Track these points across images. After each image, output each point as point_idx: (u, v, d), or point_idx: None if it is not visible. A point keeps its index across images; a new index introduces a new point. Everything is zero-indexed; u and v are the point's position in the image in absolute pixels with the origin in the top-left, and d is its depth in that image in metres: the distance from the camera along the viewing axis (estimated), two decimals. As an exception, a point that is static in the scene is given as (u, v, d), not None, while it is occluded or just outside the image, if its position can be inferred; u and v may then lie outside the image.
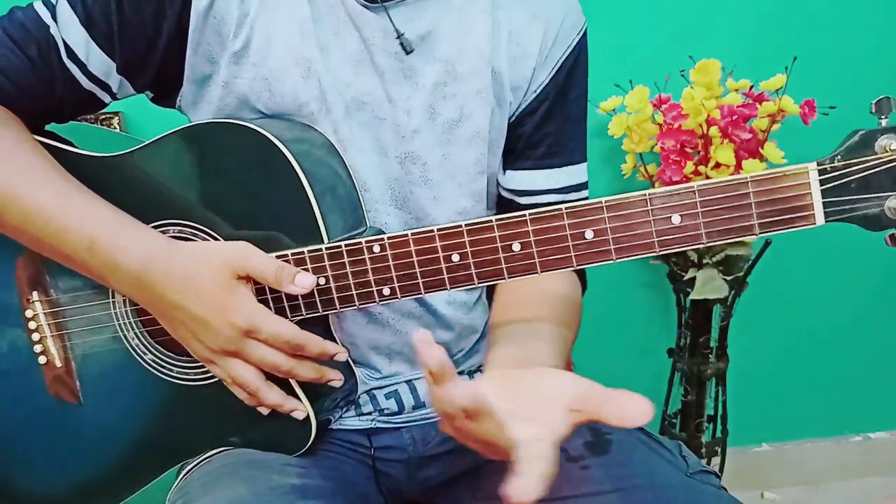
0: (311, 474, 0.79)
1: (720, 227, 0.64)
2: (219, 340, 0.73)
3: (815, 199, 0.62)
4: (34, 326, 0.84)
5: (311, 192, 0.74)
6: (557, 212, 0.66)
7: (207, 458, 0.83)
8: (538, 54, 0.86)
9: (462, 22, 0.84)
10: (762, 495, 1.80)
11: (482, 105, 0.85)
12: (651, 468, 0.78)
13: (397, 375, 0.90)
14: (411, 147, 0.84)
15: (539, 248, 0.67)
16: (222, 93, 0.81)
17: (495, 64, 0.85)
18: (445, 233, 0.69)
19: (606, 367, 1.50)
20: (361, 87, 0.82)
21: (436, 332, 0.89)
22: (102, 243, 0.74)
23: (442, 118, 0.84)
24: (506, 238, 0.68)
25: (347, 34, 0.81)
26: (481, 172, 0.88)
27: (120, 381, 0.83)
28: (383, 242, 0.70)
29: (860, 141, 0.62)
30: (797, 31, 1.55)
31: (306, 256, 0.72)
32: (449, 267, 0.70)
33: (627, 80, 1.40)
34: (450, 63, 0.84)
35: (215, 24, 0.79)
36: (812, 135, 1.44)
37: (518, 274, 0.69)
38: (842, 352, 1.76)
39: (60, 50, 0.79)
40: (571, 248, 0.67)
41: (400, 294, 0.72)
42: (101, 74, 0.81)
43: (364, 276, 0.72)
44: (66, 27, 0.78)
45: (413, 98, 0.84)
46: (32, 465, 0.86)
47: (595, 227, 0.66)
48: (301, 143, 0.78)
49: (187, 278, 0.72)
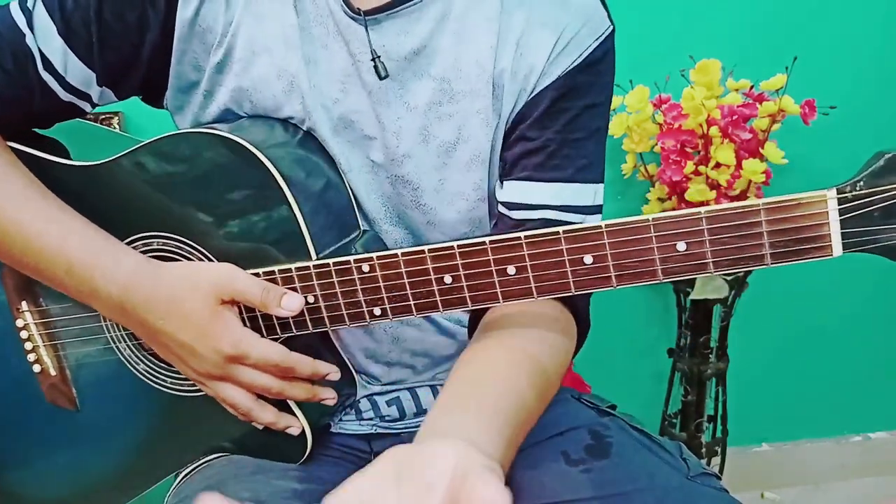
0: (311, 479, 0.78)
1: (729, 255, 0.60)
2: (205, 366, 0.71)
3: (832, 229, 0.57)
4: (26, 336, 0.83)
5: (296, 206, 0.70)
6: (555, 235, 0.62)
7: (208, 461, 0.82)
8: (544, 65, 0.77)
9: (462, 32, 0.76)
10: (762, 495, 1.79)
11: (482, 125, 0.77)
12: (651, 471, 0.78)
13: (399, 382, 0.89)
14: (402, 171, 0.79)
15: (535, 273, 0.64)
16: (204, 101, 0.78)
17: (497, 78, 0.77)
18: (437, 254, 0.65)
19: (606, 367, 1.51)
20: (349, 104, 0.77)
21: (434, 337, 0.87)
22: (81, 267, 0.71)
23: (437, 141, 0.78)
24: (500, 262, 0.64)
25: (336, 47, 0.76)
26: (482, 199, 0.81)
27: (115, 389, 0.82)
28: (373, 262, 0.67)
29: (886, 165, 0.56)
30: (797, 31, 1.54)
31: (294, 275, 0.70)
32: (441, 289, 0.66)
33: (627, 80, 1.40)
34: (446, 81, 0.76)
35: (201, 32, 0.76)
36: (812, 135, 1.45)
37: (514, 298, 0.65)
38: (842, 352, 1.76)
39: (37, 61, 0.74)
40: (570, 273, 0.63)
41: (391, 315, 0.69)
42: (81, 85, 0.77)
43: (354, 297, 0.69)
44: (43, 37, 0.74)
45: (403, 119, 0.77)
46: (32, 471, 0.86)
47: (595, 253, 0.62)
48: (286, 148, 0.75)
49: (171, 303, 0.70)
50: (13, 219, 0.72)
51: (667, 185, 1.40)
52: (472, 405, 0.62)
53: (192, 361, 0.71)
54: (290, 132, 0.77)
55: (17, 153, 0.78)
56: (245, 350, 0.70)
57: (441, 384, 0.90)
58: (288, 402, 0.76)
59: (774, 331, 1.73)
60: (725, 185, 1.36)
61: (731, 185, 1.36)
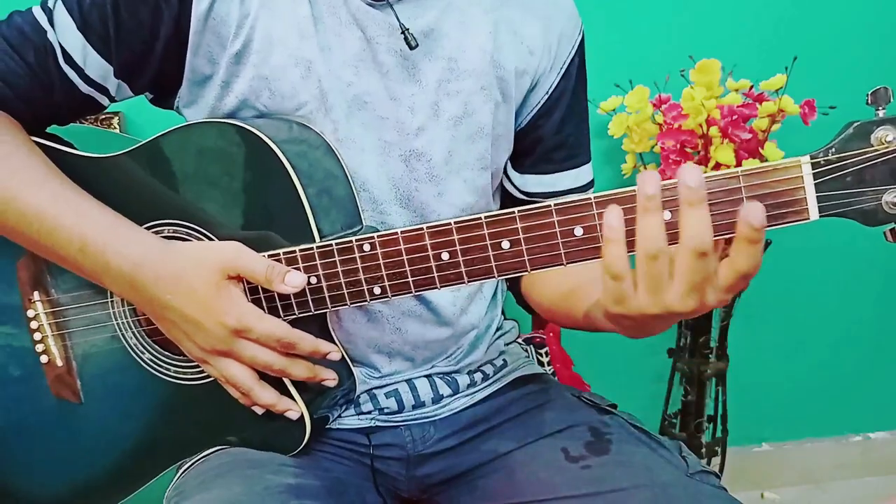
0: (306, 474, 0.79)
1: (712, 222, 0.61)
2: (210, 340, 0.73)
3: (808, 192, 0.60)
4: (35, 326, 0.84)
5: (303, 193, 0.74)
6: (546, 208, 0.65)
7: (204, 456, 0.83)
8: (542, 52, 0.88)
9: (464, 20, 0.85)
10: (762, 495, 1.80)
11: (485, 101, 0.86)
12: (651, 468, 0.78)
13: (397, 374, 0.90)
14: (416, 144, 0.85)
15: (528, 246, 0.66)
16: (221, 92, 0.81)
17: (500, 59, 0.86)
18: (435, 230, 0.68)
19: (607, 367, 1.51)
20: (363, 86, 0.82)
21: (435, 329, 0.89)
22: (94, 244, 0.74)
23: (446, 115, 0.85)
24: (495, 235, 0.67)
25: (349, 34, 0.81)
26: (484, 168, 0.88)
27: (120, 380, 0.83)
28: (373, 241, 0.70)
29: (855, 133, 0.60)
30: (797, 31, 1.55)
31: (297, 255, 0.72)
32: (439, 265, 0.69)
33: (627, 80, 1.40)
34: (453, 60, 0.84)
35: (215, 25, 0.79)
36: (812, 135, 1.45)
37: (507, 272, 0.68)
38: (842, 352, 1.76)
39: (58, 55, 0.79)
40: (561, 245, 0.65)
41: (391, 293, 0.71)
42: (99, 78, 0.81)
43: (355, 276, 0.71)
44: (63, 32, 0.78)
45: (417, 95, 0.84)
46: (35, 463, 0.87)
47: (584, 224, 0.64)
48: (296, 143, 0.78)
49: (178, 279, 0.72)
50: (32, 202, 0.75)
51: (667, 185, 1.40)
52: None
53: (197, 337, 0.73)
54: (297, 130, 0.81)
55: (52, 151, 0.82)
56: (249, 324, 0.71)
57: (438, 374, 0.91)
58: (289, 390, 0.77)
59: (774, 331, 1.73)
60: (725, 185, 1.36)
61: (731, 185, 1.36)
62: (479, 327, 0.94)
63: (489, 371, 0.95)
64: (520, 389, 0.94)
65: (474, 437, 0.90)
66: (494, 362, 0.96)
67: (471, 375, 0.93)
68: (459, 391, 0.92)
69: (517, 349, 1.03)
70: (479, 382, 0.94)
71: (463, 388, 0.92)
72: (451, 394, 0.91)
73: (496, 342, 0.98)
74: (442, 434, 0.90)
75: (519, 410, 0.91)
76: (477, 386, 0.93)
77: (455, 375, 0.92)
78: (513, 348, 1.01)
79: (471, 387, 0.93)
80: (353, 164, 0.83)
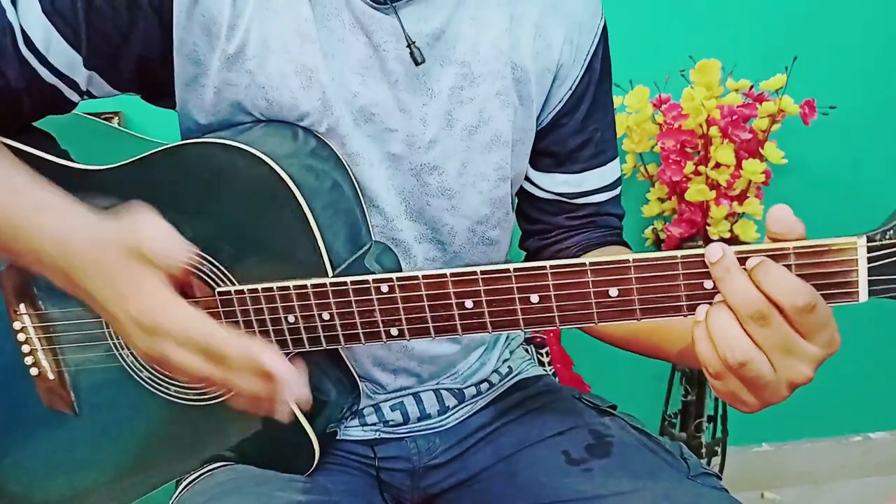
0: (315, 489, 0.77)
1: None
2: (133, 340, 0.62)
3: (860, 276, 0.57)
4: (23, 339, 0.81)
5: (313, 220, 0.69)
6: (581, 267, 0.61)
7: (209, 471, 0.80)
8: (562, 45, 0.81)
9: (477, 17, 0.78)
10: (762, 495, 1.79)
11: (502, 107, 0.80)
12: (652, 470, 0.78)
13: (404, 390, 0.88)
14: (427, 158, 0.79)
15: (559, 303, 0.62)
16: (215, 99, 0.75)
17: (517, 60, 0.80)
18: (459, 278, 0.64)
19: (607, 367, 1.51)
20: (370, 97, 0.76)
21: (443, 345, 0.87)
22: (24, 226, 0.64)
23: (460, 125, 0.79)
24: (524, 290, 0.63)
25: (354, 39, 0.75)
26: (503, 178, 0.82)
27: (116, 395, 0.80)
28: (392, 283, 0.65)
29: None
30: (797, 31, 1.54)
31: (309, 291, 0.67)
32: (462, 314, 0.65)
33: (627, 80, 1.40)
34: (466, 65, 0.78)
35: (203, 21, 0.72)
36: (812, 135, 1.45)
37: (535, 325, 0.64)
38: (841, 352, 1.74)
39: (17, 37, 0.69)
40: (594, 304, 0.62)
41: (409, 336, 0.67)
42: (65, 68, 0.72)
43: (371, 316, 0.67)
44: (25, 13, 0.69)
45: (429, 106, 0.78)
46: (29, 475, 0.85)
47: (620, 287, 0.61)
48: (300, 157, 0.73)
49: (88, 252, 0.61)
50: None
51: (667, 185, 1.40)
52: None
53: (119, 332, 0.63)
54: (301, 140, 0.75)
55: (28, 156, 0.76)
56: (160, 322, 0.60)
57: (444, 389, 0.90)
58: (295, 414, 0.73)
59: (774, 331, 1.72)
60: (725, 186, 1.36)
61: (731, 185, 1.36)
62: (487, 342, 0.93)
63: (495, 380, 0.94)
64: (521, 392, 0.93)
65: (477, 442, 0.89)
66: (500, 370, 0.95)
67: (477, 387, 0.92)
68: (465, 401, 0.91)
69: (520, 352, 1.02)
70: (485, 391, 0.93)
71: (469, 398, 0.91)
72: (457, 404, 0.90)
73: (502, 353, 0.97)
74: (447, 444, 0.89)
75: (520, 413, 0.90)
76: (482, 395, 0.92)
77: (462, 389, 0.91)
78: (516, 353, 1.01)
79: (476, 396, 0.92)
80: (362, 179, 0.78)
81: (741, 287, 0.55)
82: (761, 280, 0.55)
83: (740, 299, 0.55)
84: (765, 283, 0.55)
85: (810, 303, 0.55)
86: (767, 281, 0.55)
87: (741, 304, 0.55)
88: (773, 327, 0.55)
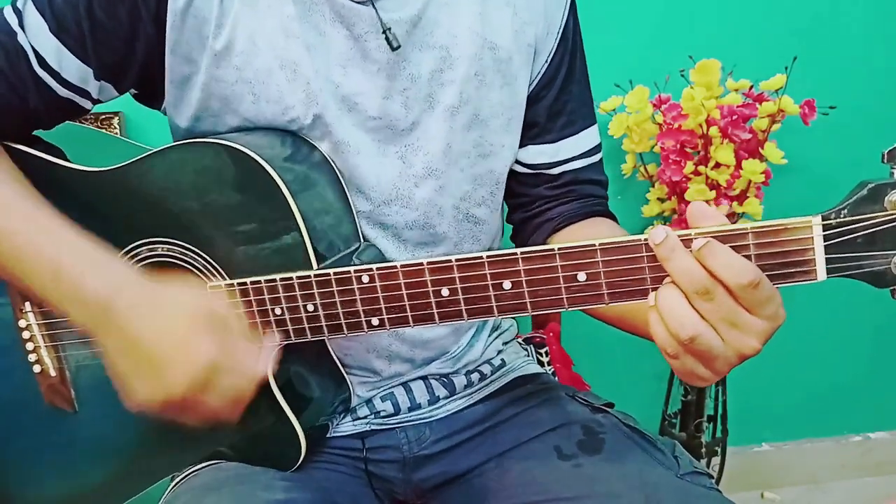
0: (297, 488, 0.78)
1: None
2: (167, 382, 0.66)
3: (817, 254, 0.59)
4: (28, 336, 0.83)
5: (300, 217, 0.72)
6: (550, 252, 0.63)
7: (195, 471, 0.81)
8: (536, 19, 0.84)
9: (450, 2, 0.81)
10: (762, 495, 1.80)
11: (480, 87, 0.83)
12: (642, 469, 0.78)
13: (397, 377, 0.89)
14: (411, 139, 0.82)
15: (530, 289, 0.65)
16: (202, 95, 0.78)
17: (497, 40, 0.83)
18: (435, 266, 0.66)
19: (607, 367, 1.51)
20: (352, 86, 0.79)
21: (437, 331, 0.88)
22: (70, 269, 0.68)
23: (441, 106, 0.82)
24: (496, 276, 0.65)
25: (335, 33, 0.78)
26: (481, 156, 0.86)
27: (114, 392, 0.79)
28: (372, 273, 0.68)
29: (869, 195, 0.58)
30: (797, 31, 1.55)
31: (294, 282, 0.70)
32: (438, 301, 0.67)
33: (627, 80, 1.40)
34: (444, 48, 0.81)
35: (195, 23, 0.75)
36: (812, 135, 1.45)
37: (508, 312, 0.67)
38: (842, 352, 1.76)
39: (31, 58, 0.74)
40: (563, 289, 0.64)
41: (389, 325, 0.70)
42: (78, 81, 0.77)
43: (353, 306, 0.70)
44: (34, 35, 0.74)
45: (410, 90, 0.81)
46: (27, 471, 0.86)
47: (588, 270, 0.63)
48: (291, 161, 0.76)
49: (157, 308, 0.67)
50: (2, 227, 0.71)
51: (666, 185, 1.41)
52: None
53: (151, 376, 0.66)
54: (291, 143, 0.79)
55: (26, 157, 0.79)
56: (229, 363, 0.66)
57: (434, 376, 0.91)
58: (282, 407, 0.76)
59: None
60: (725, 186, 1.36)
61: (731, 186, 1.36)
62: (475, 325, 0.94)
63: (486, 371, 0.95)
64: (517, 390, 0.94)
65: (470, 438, 0.90)
66: (492, 362, 0.96)
67: (468, 376, 0.93)
68: (456, 392, 0.92)
69: (516, 348, 1.03)
70: (477, 383, 0.93)
71: (459, 389, 0.92)
72: (447, 395, 0.91)
73: (494, 342, 0.98)
74: (438, 436, 0.90)
75: (515, 411, 0.90)
76: (474, 387, 0.93)
77: (452, 377, 0.92)
78: (511, 348, 1.01)
79: (468, 387, 0.93)
80: (349, 167, 0.81)
81: (685, 265, 0.58)
82: (707, 260, 0.58)
83: (685, 277, 0.58)
84: (711, 262, 0.58)
85: (754, 280, 0.57)
86: (713, 261, 0.58)
87: (686, 282, 0.58)
88: (717, 301, 0.58)
